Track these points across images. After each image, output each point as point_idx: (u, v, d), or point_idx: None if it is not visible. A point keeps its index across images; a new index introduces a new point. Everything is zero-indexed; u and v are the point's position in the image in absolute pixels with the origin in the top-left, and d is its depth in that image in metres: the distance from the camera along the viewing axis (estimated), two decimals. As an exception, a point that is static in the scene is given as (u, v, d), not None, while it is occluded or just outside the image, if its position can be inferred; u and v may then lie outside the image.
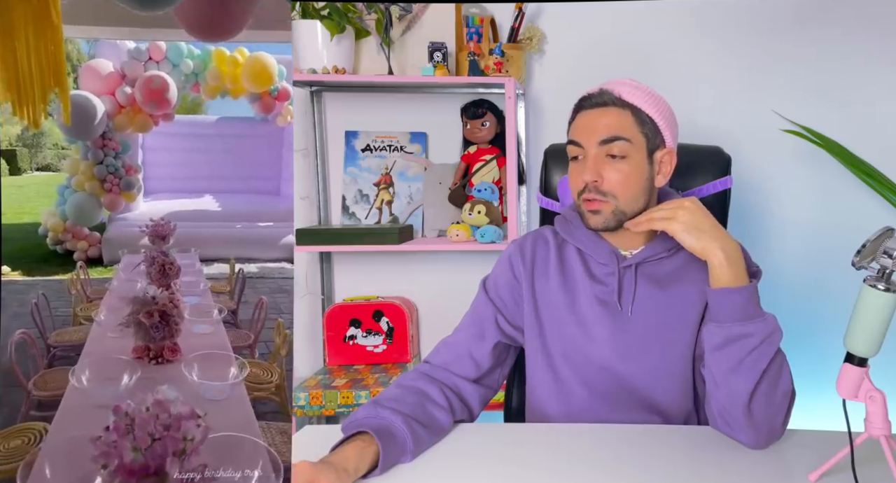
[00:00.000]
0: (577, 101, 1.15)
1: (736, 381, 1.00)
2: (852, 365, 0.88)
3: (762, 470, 0.95)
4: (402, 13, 2.02)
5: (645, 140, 1.10)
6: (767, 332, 1.00)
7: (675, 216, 1.03)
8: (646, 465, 0.97)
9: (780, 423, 1.02)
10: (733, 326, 1.00)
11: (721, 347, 1.01)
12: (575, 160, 1.13)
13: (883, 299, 0.85)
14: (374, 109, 2.18)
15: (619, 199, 1.09)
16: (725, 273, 1.01)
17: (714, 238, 1.02)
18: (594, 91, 1.13)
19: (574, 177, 1.13)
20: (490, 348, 1.18)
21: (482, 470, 0.98)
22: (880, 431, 0.87)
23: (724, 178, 1.36)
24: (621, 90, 1.11)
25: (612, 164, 1.09)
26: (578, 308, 1.15)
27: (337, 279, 2.22)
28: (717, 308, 1.02)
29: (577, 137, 1.12)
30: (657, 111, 1.11)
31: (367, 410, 1.02)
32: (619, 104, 1.10)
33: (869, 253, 0.85)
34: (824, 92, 2.01)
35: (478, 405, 1.17)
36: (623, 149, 1.09)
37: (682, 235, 1.03)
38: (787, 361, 1.03)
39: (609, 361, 1.13)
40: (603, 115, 1.10)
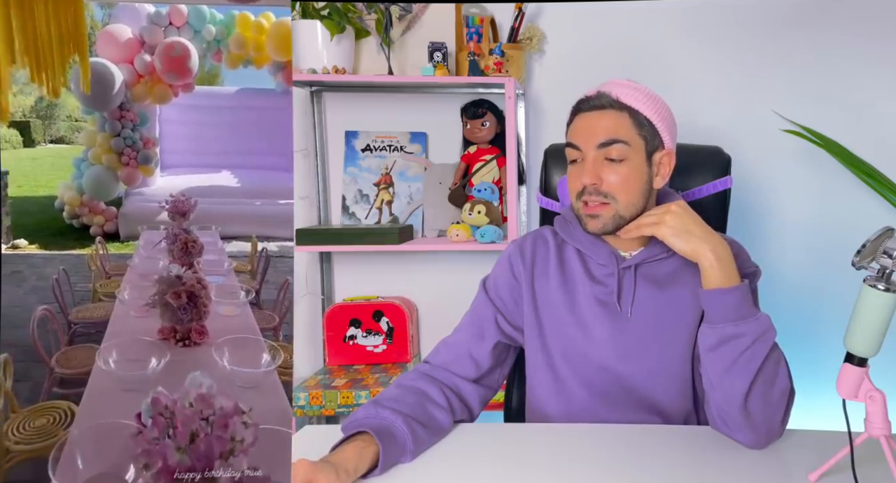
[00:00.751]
0: (575, 104, 1.14)
1: (731, 382, 1.00)
2: (852, 365, 0.88)
3: (762, 470, 0.95)
4: (402, 13, 2.02)
5: (643, 142, 1.10)
6: (760, 332, 0.99)
7: (663, 221, 1.04)
8: (646, 465, 0.97)
9: (779, 423, 1.01)
10: (726, 327, 1.00)
11: (714, 348, 1.01)
12: (574, 163, 1.13)
13: (883, 299, 0.85)
14: (374, 109, 2.18)
15: (618, 202, 1.09)
16: (717, 274, 1.01)
17: (703, 240, 1.02)
18: (591, 93, 1.13)
19: (573, 179, 1.13)
20: (490, 348, 1.18)
21: (482, 470, 0.98)
22: (880, 431, 0.87)
23: (724, 178, 1.36)
24: (619, 92, 1.10)
25: (611, 166, 1.09)
26: (578, 308, 1.15)
27: (337, 279, 2.23)
28: (710, 309, 1.02)
29: (576, 140, 1.11)
30: (655, 112, 1.11)
31: (367, 410, 1.02)
32: (617, 107, 1.10)
33: (869, 253, 0.85)
34: (824, 92, 2.01)
35: (478, 405, 1.17)
36: (621, 152, 1.09)
37: (671, 239, 1.03)
38: (784, 359, 1.03)
39: (608, 362, 1.13)
40: (601, 118, 1.10)
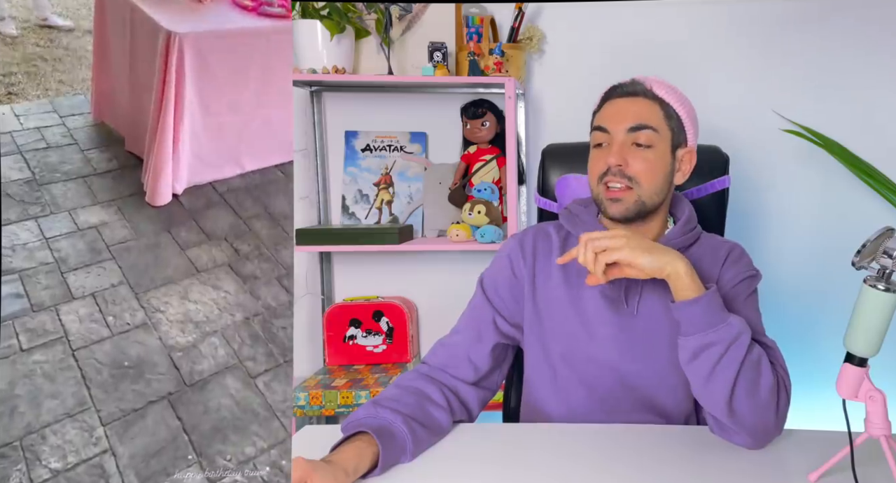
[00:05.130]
0: (606, 91, 1.15)
1: (713, 390, 0.99)
2: (852, 365, 0.88)
3: (762, 470, 0.95)
4: (402, 13, 2.02)
5: (671, 134, 1.11)
6: (732, 336, 0.97)
7: (620, 244, 0.98)
8: (646, 465, 0.97)
9: (773, 421, 1.00)
10: (697, 338, 0.98)
11: (690, 360, 1.00)
12: (598, 147, 1.13)
13: (883, 299, 0.85)
14: (374, 109, 2.18)
15: (642, 187, 1.09)
16: (686, 285, 0.98)
17: (666, 253, 0.99)
18: (625, 81, 1.14)
19: (596, 161, 1.12)
20: (488, 350, 1.17)
21: (481, 470, 0.97)
22: (880, 431, 0.87)
23: (723, 178, 1.36)
24: (652, 84, 1.13)
25: (638, 151, 1.09)
26: (582, 304, 1.14)
27: (337, 279, 2.22)
28: (681, 321, 1.00)
29: (605, 123, 1.12)
30: (684, 109, 1.13)
31: (367, 410, 1.02)
32: (650, 96, 1.11)
33: (869, 253, 0.85)
34: (824, 92, 2.00)
35: (477, 407, 1.17)
36: (650, 138, 1.09)
37: (640, 259, 0.98)
38: (764, 357, 1.00)
39: (612, 360, 1.13)
40: (633, 104, 1.11)
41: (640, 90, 1.12)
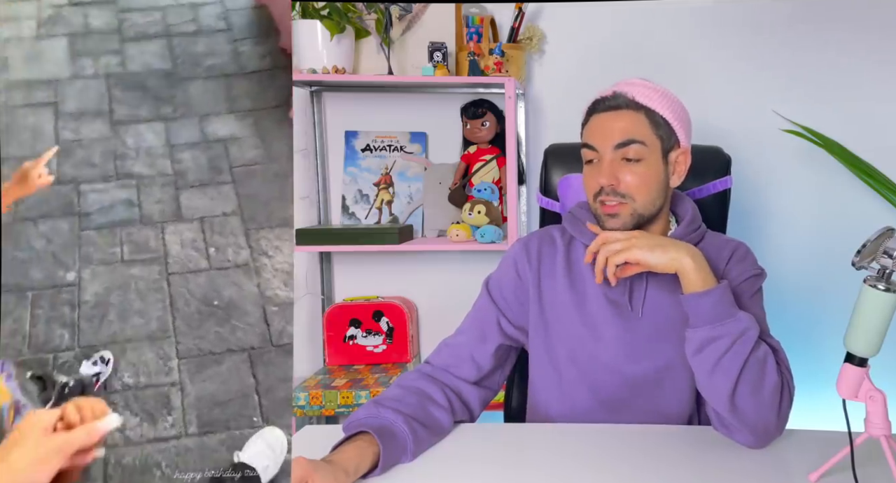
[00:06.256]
0: (591, 104, 1.14)
1: (716, 383, 0.99)
2: (852, 365, 0.88)
3: (762, 470, 0.95)
4: (402, 13, 2.02)
5: (660, 142, 1.10)
6: (739, 331, 0.99)
7: (631, 244, 1.02)
8: (646, 465, 0.97)
9: (775, 420, 1.00)
10: (704, 330, 0.99)
11: (696, 352, 1.01)
12: (590, 163, 1.12)
13: (883, 299, 0.85)
14: (374, 109, 2.17)
15: (636, 201, 1.09)
16: (696, 278, 1.00)
17: (677, 248, 1.01)
18: (607, 94, 1.12)
19: (589, 180, 1.12)
20: (492, 351, 1.17)
21: (482, 470, 0.98)
22: (880, 431, 0.87)
23: (724, 178, 1.36)
24: (635, 92, 1.10)
25: (629, 167, 1.08)
26: (587, 307, 1.14)
27: (337, 279, 2.22)
28: (690, 313, 1.01)
29: (592, 141, 1.11)
30: (671, 112, 1.11)
31: (368, 410, 1.02)
32: (633, 107, 1.09)
33: (869, 253, 0.85)
34: (824, 92, 2.01)
35: (478, 407, 1.17)
36: (638, 152, 1.08)
37: (648, 256, 1.01)
38: (770, 356, 1.01)
39: (616, 361, 1.13)
40: (617, 119, 1.09)
41: (623, 102, 1.10)
